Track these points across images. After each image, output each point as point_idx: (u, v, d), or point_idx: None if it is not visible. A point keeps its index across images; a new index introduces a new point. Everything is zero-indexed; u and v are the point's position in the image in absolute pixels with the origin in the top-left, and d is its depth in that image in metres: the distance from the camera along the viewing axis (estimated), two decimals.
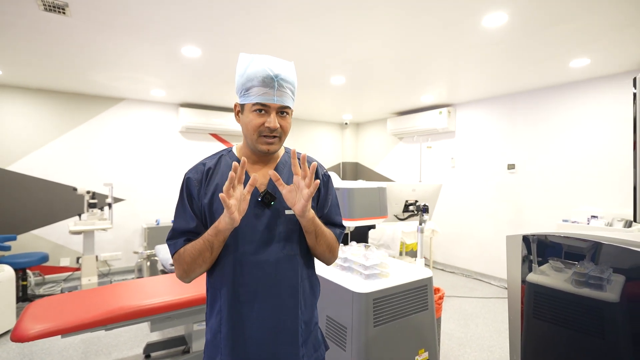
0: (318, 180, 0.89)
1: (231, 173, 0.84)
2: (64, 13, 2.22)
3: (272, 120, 0.93)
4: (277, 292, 0.98)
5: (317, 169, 1.09)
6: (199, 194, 0.99)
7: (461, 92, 4.47)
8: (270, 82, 0.92)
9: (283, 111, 0.96)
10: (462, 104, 5.01)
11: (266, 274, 0.97)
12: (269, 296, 0.97)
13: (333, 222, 1.11)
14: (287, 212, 1.00)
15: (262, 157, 1.03)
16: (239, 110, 1.00)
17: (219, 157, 1.05)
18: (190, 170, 1.02)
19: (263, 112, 0.94)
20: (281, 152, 1.10)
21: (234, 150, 1.07)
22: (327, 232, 1.04)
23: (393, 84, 4.09)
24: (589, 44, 2.77)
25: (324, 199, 1.10)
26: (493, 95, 4.56)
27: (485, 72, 3.58)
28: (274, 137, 0.96)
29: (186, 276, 0.97)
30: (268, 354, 0.97)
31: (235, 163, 0.85)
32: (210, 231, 0.91)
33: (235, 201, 0.86)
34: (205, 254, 0.92)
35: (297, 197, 0.92)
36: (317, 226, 0.99)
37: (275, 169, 1.04)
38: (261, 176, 1.02)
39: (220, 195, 0.83)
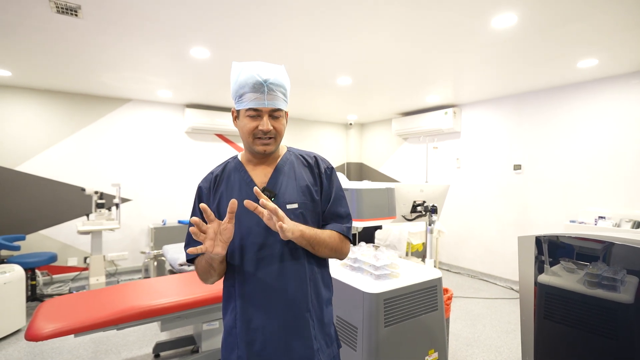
0: (271, 205, 0.90)
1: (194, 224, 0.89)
2: (76, 15, 2.24)
3: (265, 123, 0.99)
4: (285, 285, 1.00)
5: (318, 162, 1.13)
6: (208, 201, 1.08)
7: (467, 92, 4.46)
8: (260, 88, 0.98)
9: (275, 114, 1.01)
10: (468, 104, 5.01)
11: (272, 268, 1.00)
12: (278, 290, 1.00)
13: (339, 214, 1.11)
14: (288, 206, 1.03)
15: (263, 159, 1.09)
16: (235, 116, 1.06)
17: (225, 164, 1.13)
18: (202, 181, 1.12)
19: (256, 116, 1.00)
20: (282, 150, 1.14)
21: (239, 156, 1.14)
22: (326, 237, 1.04)
23: (399, 84, 4.09)
24: (597, 44, 2.77)
25: (328, 191, 1.11)
26: (499, 96, 4.55)
27: (491, 72, 3.58)
28: (269, 138, 1.02)
29: (204, 281, 1.05)
30: (282, 347, 0.99)
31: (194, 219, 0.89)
32: (205, 258, 0.98)
33: (210, 241, 0.90)
34: (211, 271, 1.00)
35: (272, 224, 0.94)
36: (310, 238, 0.99)
37: (277, 168, 1.08)
38: (262, 174, 1.08)
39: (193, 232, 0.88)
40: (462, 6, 2.19)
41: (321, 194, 1.10)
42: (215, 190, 1.07)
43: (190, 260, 1.07)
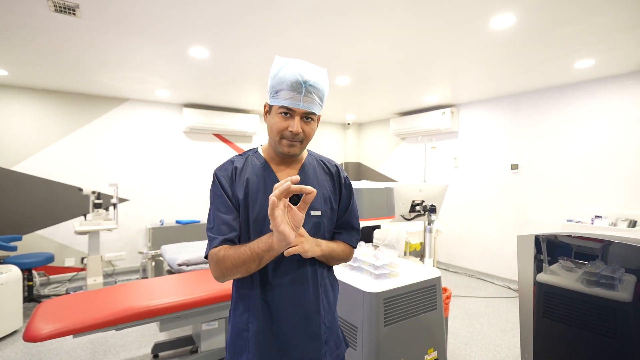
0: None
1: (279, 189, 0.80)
2: (74, 14, 2.23)
3: (296, 125, 0.95)
4: (301, 290, 1.01)
5: (339, 171, 1.14)
6: (232, 189, 1.01)
7: (465, 93, 4.48)
8: (298, 88, 0.94)
9: (308, 116, 0.98)
10: (466, 104, 5.03)
11: (290, 272, 1.00)
12: (294, 294, 1.00)
13: (352, 226, 1.15)
14: (312, 212, 1.03)
15: (286, 159, 1.05)
16: (267, 110, 1.03)
17: (246, 157, 1.07)
18: (218, 168, 1.04)
19: (288, 115, 0.96)
20: (304, 153, 1.12)
21: (260, 150, 1.09)
22: (340, 251, 1.08)
23: (397, 85, 4.10)
24: (594, 45, 2.79)
25: (346, 201, 1.13)
26: (497, 96, 4.57)
27: (489, 73, 3.60)
28: (296, 141, 0.98)
29: (222, 277, 0.95)
30: (294, 350, 0.99)
31: (290, 181, 0.80)
32: (262, 245, 0.88)
33: (280, 212, 0.81)
34: (251, 266, 0.90)
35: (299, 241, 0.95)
36: (329, 255, 1.04)
37: (300, 171, 1.07)
38: (287, 176, 1.02)
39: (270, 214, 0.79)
40: (461, 7, 2.19)
41: (339, 203, 1.11)
42: (238, 180, 1.01)
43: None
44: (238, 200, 1.00)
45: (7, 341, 2.87)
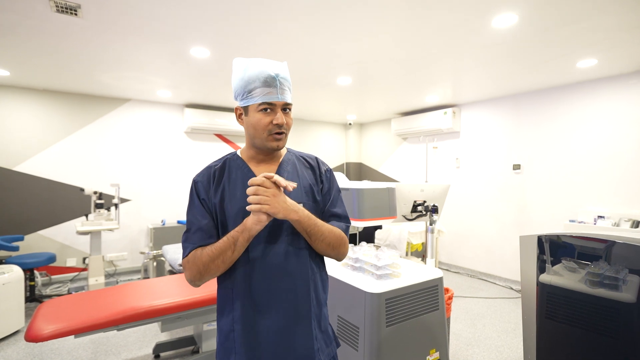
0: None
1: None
2: (75, 14, 2.23)
3: (280, 117, 0.99)
4: (288, 286, 0.99)
5: (319, 163, 1.15)
6: (208, 195, 1.02)
7: (466, 93, 4.47)
8: (273, 82, 0.97)
9: (286, 108, 1.02)
10: (467, 104, 5.01)
11: (276, 269, 0.98)
12: (281, 291, 0.98)
13: (337, 214, 1.11)
14: None
15: (266, 157, 1.08)
16: (241, 113, 1.04)
17: (224, 160, 1.09)
18: (197, 175, 1.06)
19: (269, 110, 0.99)
20: (283, 150, 1.13)
21: (238, 153, 1.11)
22: (326, 230, 1.01)
23: (399, 84, 4.10)
24: (597, 44, 2.77)
25: (327, 192, 1.13)
26: (498, 96, 4.56)
27: (491, 73, 3.59)
28: (282, 133, 1.01)
29: (199, 278, 0.95)
30: (283, 349, 0.97)
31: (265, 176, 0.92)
32: (237, 227, 0.94)
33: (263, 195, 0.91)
34: (227, 253, 0.93)
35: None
36: (308, 227, 0.97)
37: (280, 166, 1.08)
38: (266, 172, 1.04)
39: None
40: (463, 6, 2.19)
41: (321, 194, 1.11)
42: (216, 185, 1.02)
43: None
44: (215, 204, 1.01)
45: (9, 341, 2.87)
